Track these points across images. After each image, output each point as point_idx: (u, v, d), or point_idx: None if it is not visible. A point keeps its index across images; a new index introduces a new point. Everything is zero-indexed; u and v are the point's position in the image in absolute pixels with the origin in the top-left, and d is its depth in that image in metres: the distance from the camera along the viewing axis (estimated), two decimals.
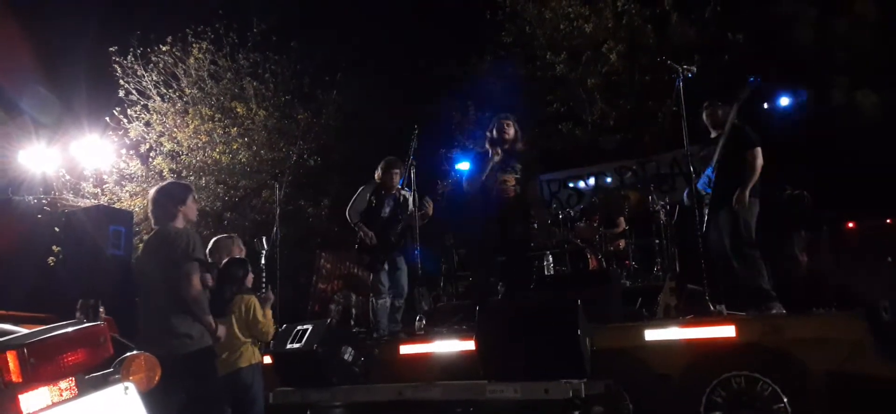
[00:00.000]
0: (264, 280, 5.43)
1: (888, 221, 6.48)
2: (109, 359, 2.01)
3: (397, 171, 5.96)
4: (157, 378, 2.12)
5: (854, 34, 10.13)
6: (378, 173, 6.02)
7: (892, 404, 3.75)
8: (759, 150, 4.93)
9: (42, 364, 1.83)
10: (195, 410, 3.53)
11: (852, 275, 5.98)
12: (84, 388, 1.92)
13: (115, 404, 1.92)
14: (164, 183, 4.10)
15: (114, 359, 2.00)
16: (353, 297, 8.71)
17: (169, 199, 3.79)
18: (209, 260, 4.27)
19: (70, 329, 1.99)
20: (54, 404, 1.82)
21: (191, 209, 3.85)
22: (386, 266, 5.88)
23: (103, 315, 6.61)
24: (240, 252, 4.66)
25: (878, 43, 9.98)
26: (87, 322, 6.37)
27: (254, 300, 4.35)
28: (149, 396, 2.19)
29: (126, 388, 1.97)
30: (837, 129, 9.70)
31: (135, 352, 2.08)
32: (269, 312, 4.47)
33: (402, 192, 6.01)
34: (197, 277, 3.55)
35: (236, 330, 4.23)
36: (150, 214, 3.88)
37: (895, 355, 3.69)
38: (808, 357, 3.95)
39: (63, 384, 1.87)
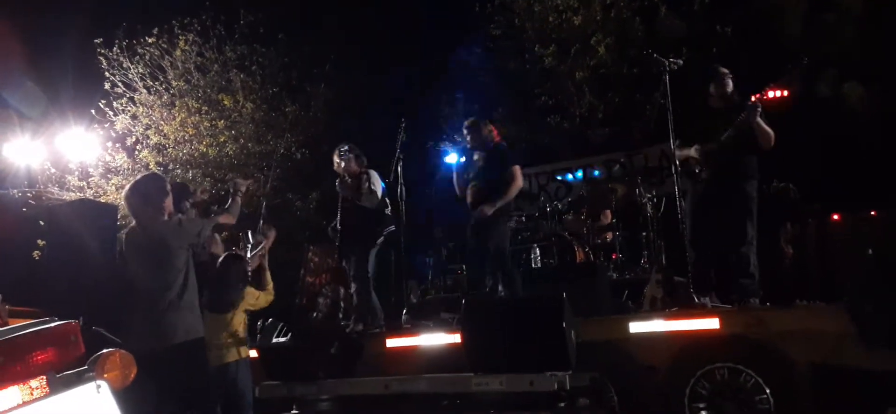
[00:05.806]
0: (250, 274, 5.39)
1: (873, 213, 6.50)
2: (84, 356, 1.99)
3: (338, 156, 5.74)
4: (132, 376, 2.09)
5: (841, 27, 10.17)
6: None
7: (873, 394, 3.79)
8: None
9: (11, 363, 1.81)
10: (187, 401, 3.52)
11: (837, 267, 6.00)
12: (56, 386, 1.90)
13: (87, 403, 1.90)
14: (139, 179, 3.99)
15: (87, 356, 1.98)
16: (342, 290, 8.64)
17: (152, 193, 3.77)
18: None
19: (40, 327, 1.97)
20: (25, 403, 1.80)
21: (169, 202, 3.84)
22: (352, 256, 5.71)
23: (7, 308, 6.42)
24: (217, 246, 4.67)
25: (865, 36, 10.03)
26: None
27: (251, 289, 4.55)
28: (138, 391, 2.17)
29: (98, 386, 1.95)
30: (824, 122, 9.75)
31: (110, 349, 2.06)
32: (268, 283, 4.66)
33: (352, 175, 5.75)
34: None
35: (229, 325, 4.25)
36: (135, 212, 3.81)
37: (876, 346, 3.72)
38: (791, 349, 3.99)
39: (34, 383, 1.85)
